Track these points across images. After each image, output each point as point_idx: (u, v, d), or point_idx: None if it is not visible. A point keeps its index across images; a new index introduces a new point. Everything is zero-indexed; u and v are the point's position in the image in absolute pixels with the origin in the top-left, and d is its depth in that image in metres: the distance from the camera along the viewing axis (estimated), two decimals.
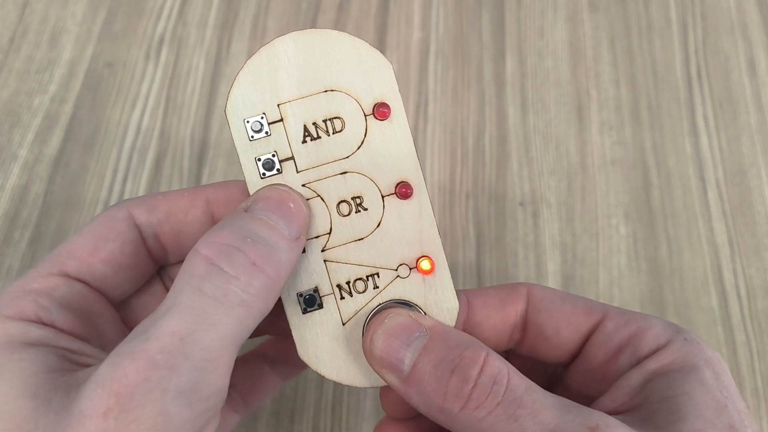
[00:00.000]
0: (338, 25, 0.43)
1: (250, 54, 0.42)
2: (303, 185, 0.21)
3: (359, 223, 0.21)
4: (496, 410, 0.18)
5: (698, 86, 0.42)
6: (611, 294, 0.36)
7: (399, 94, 0.21)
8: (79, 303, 0.21)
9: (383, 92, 0.21)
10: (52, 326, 0.19)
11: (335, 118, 0.21)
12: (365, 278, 0.21)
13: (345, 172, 0.21)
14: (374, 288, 0.21)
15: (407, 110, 0.42)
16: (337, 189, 0.21)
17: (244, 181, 0.21)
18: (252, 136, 0.21)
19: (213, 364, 0.17)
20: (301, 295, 0.21)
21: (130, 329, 0.23)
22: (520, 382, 0.19)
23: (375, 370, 0.21)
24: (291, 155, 0.21)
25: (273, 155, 0.21)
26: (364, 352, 0.21)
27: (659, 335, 0.21)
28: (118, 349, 0.17)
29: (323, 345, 0.21)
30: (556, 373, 0.25)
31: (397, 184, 0.21)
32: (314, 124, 0.21)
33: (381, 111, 0.21)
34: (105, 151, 0.39)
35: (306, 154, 0.21)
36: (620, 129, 0.41)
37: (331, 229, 0.21)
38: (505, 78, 0.42)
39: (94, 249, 0.21)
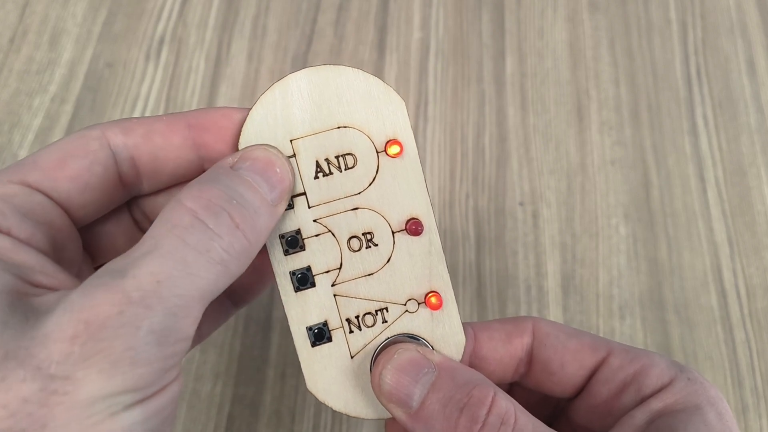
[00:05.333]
0: (338, 25, 0.43)
1: (251, 54, 0.42)
2: (314, 221, 0.21)
3: (369, 258, 0.22)
4: None
5: (698, 86, 0.42)
6: (611, 293, 0.36)
7: (411, 131, 0.21)
8: (40, 214, 0.20)
9: (396, 130, 0.21)
10: (8, 234, 0.18)
11: (347, 154, 0.21)
12: (374, 312, 0.22)
13: (356, 208, 0.21)
14: (383, 322, 0.22)
15: (407, 110, 0.42)
16: (348, 225, 0.21)
17: (227, 107, 0.22)
18: None
19: (184, 312, 0.17)
20: (310, 328, 0.22)
21: (92, 256, 0.23)
22: (526, 421, 0.19)
23: (383, 404, 0.21)
24: (303, 191, 0.21)
25: None
26: (373, 387, 0.21)
27: (663, 374, 0.21)
28: (90, 281, 0.16)
29: (331, 377, 0.22)
30: (560, 405, 0.25)
31: (408, 221, 0.21)
32: (326, 159, 0.21)
33: (393, 148, 0.21)
34: None
35: (318, 189, 0.21)
36: (620, 129, 0.41)
37: (341, 264, 0.21)
38: (505, 78, 0.42)
39: (61, 163, 0.20)
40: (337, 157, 0.21)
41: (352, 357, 0.22)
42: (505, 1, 0.45)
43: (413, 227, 0.21)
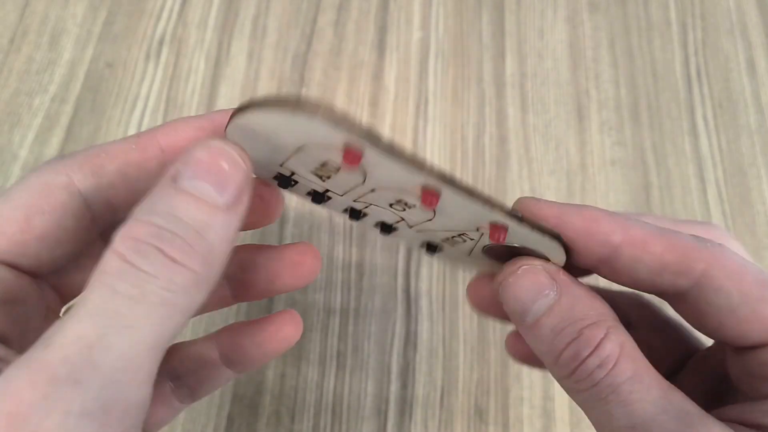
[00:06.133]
0: (338, 25, 0.43)
1: (251, 54, 0.42)
2: (354, 201, 0.22)
3: (417, 213, 0.22)
4: (590, 390, 0.18)
5: (698, 86, 0.42)
6: None
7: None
8: (1, 294, 0.18)
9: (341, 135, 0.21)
10: None
11: (323, 164, 0.21)
12: (459, 236, 0.22)
13: (373, 189, 0.21)
14: (471, 240, 0.22)
15: (407, 110, 0.42)
16: (378, 198, 0.21)
17: (195, 117, 0.21)
18: (286, 187, 0.21)
19: (129, 375, 0.14)
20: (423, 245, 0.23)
21: (63, 300, 0.21)
22: (625, 368, 0.18)
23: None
24: (326, 189, 0.21)
25: (313, 191, 0.21)
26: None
27: None
28: (18, 360, 0.14)
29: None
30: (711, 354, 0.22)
31: (422, 192, 0.21)
32: (316, 170, 0.21)
33: (350, 155, 0.21)
34: None
35: (333, 186, 0.21)
36: (620, 129, 0.41)
37: (402, 218, 0.22)
38: (505, 78, 0.42)
39: (26, 224, 0.18)
40: (322, 167, 0.21)
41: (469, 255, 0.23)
42: (505, 1, 0.45)
43: (428, 197, 0.21)
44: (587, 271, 0.21)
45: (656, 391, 0.18)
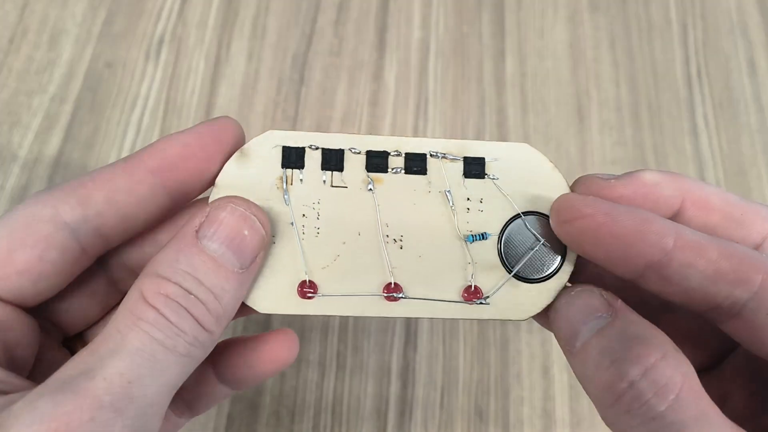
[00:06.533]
0: (338, 24, 0.43)
1: (250, 54, 0.42)
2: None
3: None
4: (648, 425, 0.16)
5: (698, 86, 0.42)
6: None
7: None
8: None
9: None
10: None
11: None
12: None
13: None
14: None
15: (407, 110, 0.42)
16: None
17: (180, 134, 0.21)
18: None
19: (154, 409, 0.17)
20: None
21: (61, 326, 0.21)
22: (692, 403, 0.16)
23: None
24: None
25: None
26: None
27: None
28: (57, 384, 0.16)
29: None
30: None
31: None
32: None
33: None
34: (105, 151, 0.39)
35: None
36: (620, 129, 0.41)
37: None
38: (505, 78, 0.42)
39: (8, 257, 0.18)
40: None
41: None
42: (506, 1, 0.45)
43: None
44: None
45: None
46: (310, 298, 0.21)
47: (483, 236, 0.21)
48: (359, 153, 0.21)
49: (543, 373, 0.35)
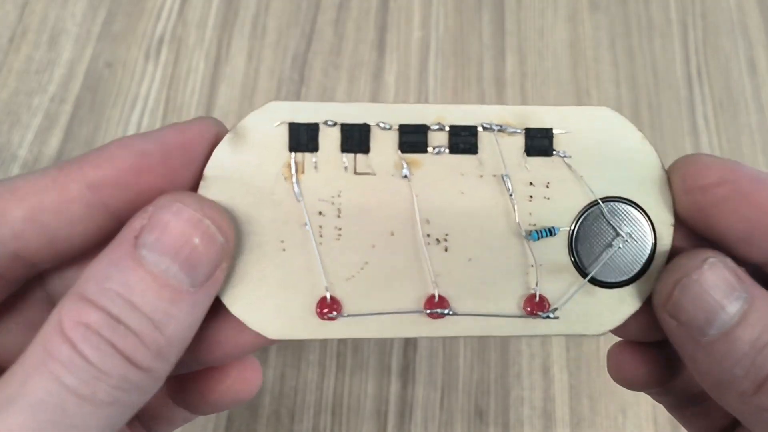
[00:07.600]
0: (338, 24, 0.43)
1: (250, 54, 0.42)
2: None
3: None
4: None
5: (698, 86, 0.42)
6: None
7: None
8: None
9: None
10: None
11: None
12: None
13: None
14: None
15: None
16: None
17: (127, 139, 0.16)
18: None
19: None
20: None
21: None
22: None
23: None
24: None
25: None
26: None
27: None
28: None
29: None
30: None
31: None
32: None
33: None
34: None
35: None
36: None
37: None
38: (505, 78, 0.42)
39: None
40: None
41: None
42: (506, 1, 0.45)
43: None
44: None
45: None
46: (332, 318, 0.17)
47: (550, 232, 0.17)
48: (389, 128, 0.17)
49: (543, 373, 0.35)
